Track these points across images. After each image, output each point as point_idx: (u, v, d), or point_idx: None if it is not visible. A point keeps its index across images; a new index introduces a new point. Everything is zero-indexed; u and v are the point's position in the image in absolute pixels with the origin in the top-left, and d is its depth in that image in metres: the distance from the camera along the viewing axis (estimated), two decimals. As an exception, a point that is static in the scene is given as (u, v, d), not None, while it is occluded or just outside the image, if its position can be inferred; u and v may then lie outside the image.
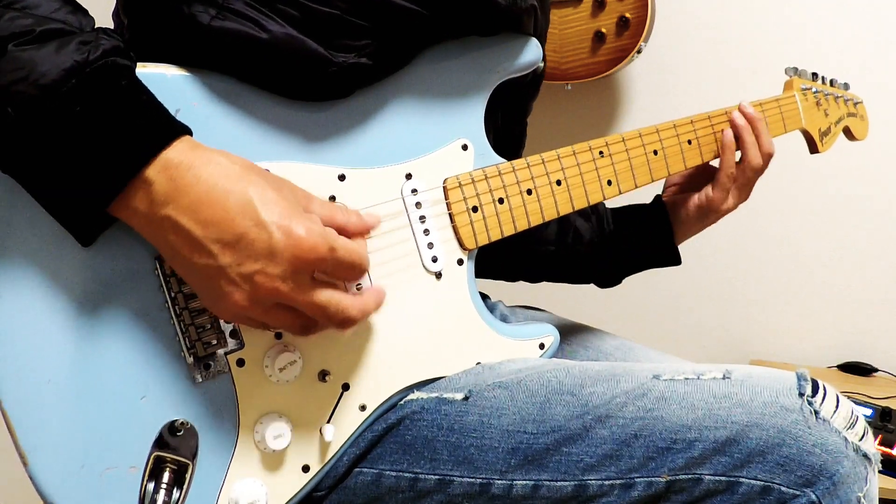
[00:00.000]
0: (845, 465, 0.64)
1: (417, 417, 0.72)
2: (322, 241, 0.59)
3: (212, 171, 0.58)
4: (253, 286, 0.58)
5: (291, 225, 0.58)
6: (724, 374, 0.70)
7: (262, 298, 0.59)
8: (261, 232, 0.57)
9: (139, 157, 0.57)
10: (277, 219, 0.58)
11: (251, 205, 0.58)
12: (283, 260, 0.58)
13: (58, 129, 0.55)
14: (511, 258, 1.03)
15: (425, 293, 0.75)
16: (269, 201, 0.58)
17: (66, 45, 0.56)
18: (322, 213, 0.63)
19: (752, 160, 0.95)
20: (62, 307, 0.61)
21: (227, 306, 0.59)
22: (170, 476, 0.64)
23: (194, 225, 0.57)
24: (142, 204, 0.58)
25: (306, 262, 0.59)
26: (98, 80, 0.56)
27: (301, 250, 0.58)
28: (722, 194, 0.95)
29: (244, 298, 0.59)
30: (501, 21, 0.76)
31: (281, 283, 0.58)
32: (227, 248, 0.57)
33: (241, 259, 0.57)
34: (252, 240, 0.57)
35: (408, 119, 0.75)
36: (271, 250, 0.58)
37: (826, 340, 1.95)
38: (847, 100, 1.17)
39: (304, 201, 0.63)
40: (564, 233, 1.03)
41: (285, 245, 0.58)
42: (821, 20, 1.84)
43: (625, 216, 1.03)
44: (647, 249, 1.01)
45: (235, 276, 0.58)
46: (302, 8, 0.66)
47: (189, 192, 0.57)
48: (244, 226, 0.57)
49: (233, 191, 0.58)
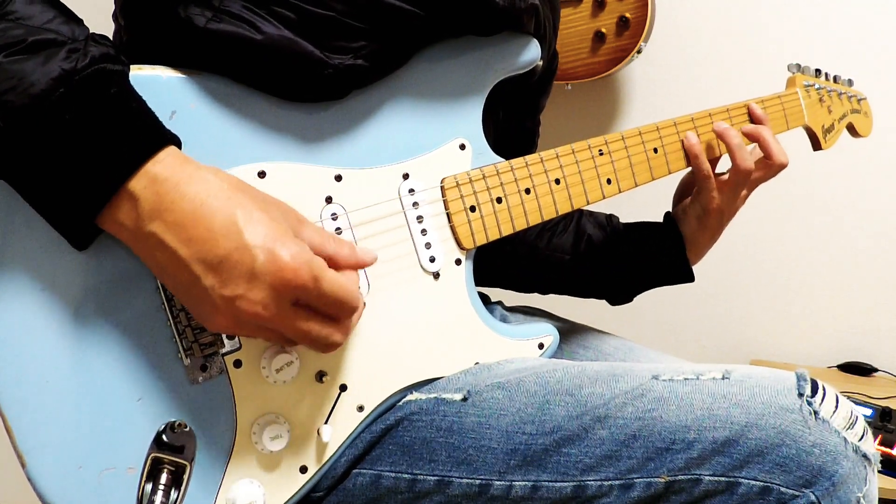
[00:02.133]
0: (845, 466, 0.63)
1: (416, 418, 0.72)
2: (306, 269, 0.57)
3: (199, 188, 0.57)
4: (234, 310, 0.57)
5: (276, 248, 0.57)
6: (724, 375, 0.70)
7: (244, 321, 0.58)
8: (243, 255, 0.56)
9: (123, 168, 0.56)
10: (261, 242, 0.57)
11: (236, 226, 0.57)
12: (265, 284, 0.57)
13: (47, 138, 0.55)
14: (525, 268, 1.03)
15: (423, 293, 0.75)
16: (255, 222, 0.57)
17: (55, 54, 0.55)
18: (312, 239, 0.62)
19: (739, 163, 0.90)
20: (60, 309, 0.61)
21: (213, 325, 0.59)
22: (167, 477, 0.64)
23: (179, 244, 0.57)
24: (128, 219, 0.57)
25: (288, 288, 0.57)
26: (86, 88, 0.56)
27: (283, 276, 0.57)
28: (707, 197, 0.91)
29: (228, 320, 0.58)
30: (500, 21, 0.76)
31: (262, 308, 0.57)
32: (211, 269, 0.57)
33: (224, 281, 0.57)
34: (235, 262, 0.56)
35: (405, 119, 0.75)
36: (253, 273, 0.56)
37: (826, 340, 1.95)
38: (851, 96, 1.16)
39: (295, 224, 0.61)
40: (578, 242, 1.02)
41: (267, 270, 0.56)
42: (823, 17, 1.83)
43: (638, 231, 1.01)
44: (660, 265, 0.98)
45: (217, 299, 0.57)
46: (297, 10, 0.66)
47: (174, 209, 0.57)
48: (227, 248, 0.56)
49: (219, 210, 0.57)
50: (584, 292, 1.05)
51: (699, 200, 0.93)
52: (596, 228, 1.03)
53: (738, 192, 0.92)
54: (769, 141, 0.92)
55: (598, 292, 1.05)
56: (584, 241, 1.02)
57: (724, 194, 0.92)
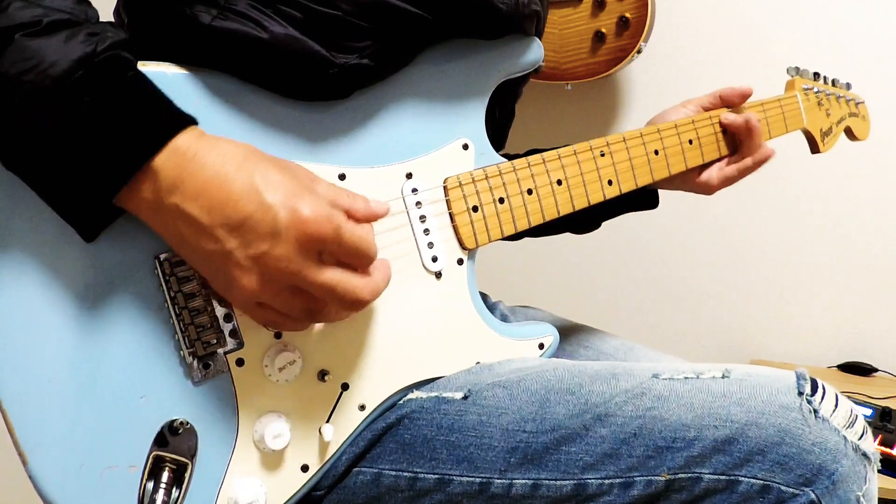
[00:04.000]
0: (844, 464, 0.64)
1: (417, 417, 0.72)
2: (327, 222, 0.59)
3: (216, 157, 0.58)
4: (261, 267, 0.58)
5: (296, 205, 0.58)
6: (724, 373, 0.70)
7: (271, 279, 0.59)
8: (265, 213, 0.58)
9: (149, 146, 0.57)
10: (282, 199, 0.58)
11: (255, 187, 0.58)
12: (289, 239, 0.58)
13: (66, 119, 0.55)
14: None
15: (425, 293, 0.75)
16: (273, 183, 0.59)
17: (75, 35, 0.56)
18: (328, 194, 0.63)
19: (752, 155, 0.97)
20: (62, 307, 0.61)
21: (239, 291, 0.60)
22: (169, 475, 0.64)
23: (199, 211, 0.57)
24: (148, 193, 0.58)
25: (312, 241, 0.59)
26: (106, 70, 0.56)
27: (307, 229, 0.58)
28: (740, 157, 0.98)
29: (254, 281, 0.59)
30: (504, 26, 0.76)
31: (288, 262, 0.58)
32: (233, 231, 0.58)
33: (248, 241, 0.58)
34: (257, 221, 0.57)
35: (408, 118, 0.75)
36: (276, 230, 0.58)
37: (826, 340, 1.95)
38: (849, 100, 1.17)
39: (309, 183, 0.63)
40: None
41: (290, 224, 0.58)
42: (822, 20, 1.84)
43: None
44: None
45: (243, 259, 0.58)
46: (304, 9, 0.66)
47: (194, 178, 0.57)
48: (249, 208, 0.57)
49: (237, 174, 0.58)
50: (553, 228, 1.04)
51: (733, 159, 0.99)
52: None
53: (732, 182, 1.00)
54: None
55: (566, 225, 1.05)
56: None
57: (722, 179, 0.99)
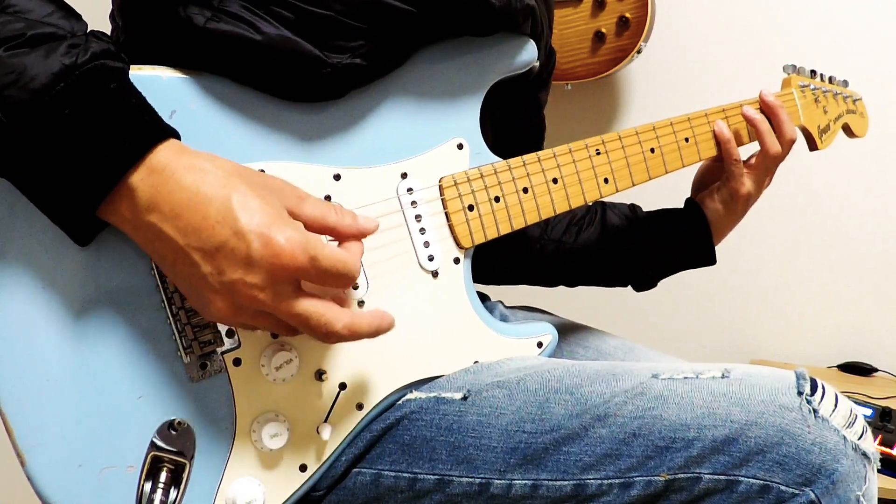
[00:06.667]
0: (844, 464, 0.63)
1: (416, 417, 0.72)
2: (301, 252, 0.58)
3: (194, 176, 0.58)
4: (234, 295, 0.58)
5: (270, 233, 0.57)
6: (723, 373, 0.70)
7: (243, 306, 0.59)
8: (239, 241, 0.57)
9: (122, 162, 0.57)
10: (256, 227, 0.57)
11: (231, 212, 0.57)
12: (263, 268, 0.57)
13: (47, 132, 0.55)
14: (553, 263, 1.05)
15: (422, 292, 0.75)
16: (250, 209, 0.58)
17: (56, 49, 0.56)
18: (314, 213, 0.62)
19: (769, 148, 0.96)
20: (60, 307, 0.61)
21: (213, 312, 0.59)
22: (167, 475, 0.64)
23: (175, 232, 0.57)
24: (126, 211, 0.58)
25: (286, 270, 0.58)
26: (86, 83, 0.56)
27: (280, 260, 0.57)
28: (737, 182, 0.96)
29: (227, 306, 0.59)
30: (496, 22, 0.76)
31: (259, 292, 0.58)
32: (208, 256, 0.57)
33: (221, 269, 0.57)
34: (231, 249, 0.57)
35: (403, 118, 0.75)
36: (249, 259, 0.57)
37: (826, 340, 1.95)
38: (846, 97, 1.16)
39: (294, 202, 0.62)
40: (604, 233, 1.05)
41: (263, 254, 0.57)
42: (819, 18, 1.84)
43: (661, 218, 1.04)
44: (684, 249, 1.01)
45: (217, 285, 0.57)
46: (296, 10, 0.66)
47: (171, 198, 0.57)
48: (223, 235, 0.57)
49: (214, 197, 0.57)
50: (610, 281, 1.08)
51: (728, 186, 0.97)
52: (620, 219, 1.05)
53: (765, 175, 0.98)
54: (783, 119, 0.98)
55: (624, 280, 1.07)
56: (610, 232, 1.04)
57: (753, 179, 0.97)
